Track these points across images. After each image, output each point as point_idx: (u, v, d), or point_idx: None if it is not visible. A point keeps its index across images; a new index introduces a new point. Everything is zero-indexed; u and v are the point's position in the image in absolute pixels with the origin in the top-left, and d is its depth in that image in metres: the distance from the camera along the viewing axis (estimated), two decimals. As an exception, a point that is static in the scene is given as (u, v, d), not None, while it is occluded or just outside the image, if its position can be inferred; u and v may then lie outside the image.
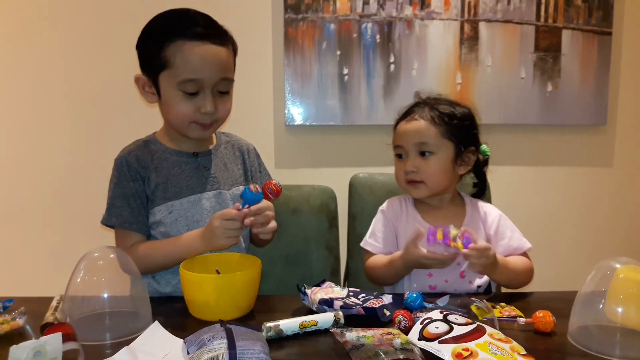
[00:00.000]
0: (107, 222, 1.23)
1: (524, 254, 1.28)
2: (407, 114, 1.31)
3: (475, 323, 0.90)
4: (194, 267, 1.08)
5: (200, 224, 1.21)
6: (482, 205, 1.35)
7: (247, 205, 1.09)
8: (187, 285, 1.05)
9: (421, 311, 1.00)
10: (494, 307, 1.03)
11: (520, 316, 1.01)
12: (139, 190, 1.22)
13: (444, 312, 0.94)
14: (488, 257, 1.12)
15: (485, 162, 1.34)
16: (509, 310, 1.04)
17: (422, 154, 1.26)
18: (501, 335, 0.87)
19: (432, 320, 0.92)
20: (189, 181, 1.24)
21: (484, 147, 1.32)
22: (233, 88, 1.25)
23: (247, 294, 1.06)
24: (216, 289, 1.02)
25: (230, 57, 1.21)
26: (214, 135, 1.35)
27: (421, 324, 0.92)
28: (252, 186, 1.09)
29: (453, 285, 1.25)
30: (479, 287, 1.27)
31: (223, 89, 1.20)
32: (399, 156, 1.31)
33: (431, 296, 1.09)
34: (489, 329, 0.88)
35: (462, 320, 0.91)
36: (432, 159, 1.25)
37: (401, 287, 1.28)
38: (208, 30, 1.17)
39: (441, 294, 1.11)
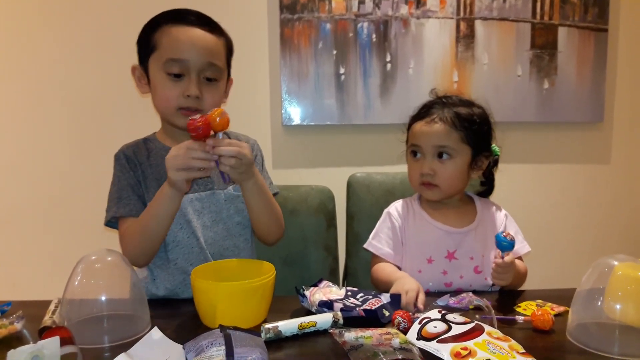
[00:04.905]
0: (117, 214, 1.20)
1: (520, 257, 1.30)
2: (425, 114, 1.28)
3: (473, 322, 0.90)
4: (207, 274, 1.04)
5: (192, 224, 1.22)
6: (490, 203, 1.37)
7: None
8: (196, 293, 1.01)
9: (420, 311, 1.00)
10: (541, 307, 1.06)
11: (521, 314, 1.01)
12: (140, 179, 1.24)
13: (443, 312, 0.94)
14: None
15: (495, 162, 1.34)
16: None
17: (440, 155, 1.25)
18: (500, 334, 0.87)
19: (431, 320, 0.92)
20: None
21: (493, 146, 1.32)
22: (225, 85, 1.25)
23: (257, 302, 1.01)
24: (224, 297, 0.98)
25: (219, 46, 1.22)
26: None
27: (420, 323, 0.92)
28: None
29: (468, 281, 1.25)
30: (493, 285, 1.27)
31: (210, 75, 1.20)
32: (413, 154, 1.29)
33: (432, 295, 1.10)
34: (487, 327, 0.88)
35: (461, 319, 0.91)
36: (449, 162, 1.25)
37: None
38: (197, 17, 1.20)
39: (457, 291, 1.12)
